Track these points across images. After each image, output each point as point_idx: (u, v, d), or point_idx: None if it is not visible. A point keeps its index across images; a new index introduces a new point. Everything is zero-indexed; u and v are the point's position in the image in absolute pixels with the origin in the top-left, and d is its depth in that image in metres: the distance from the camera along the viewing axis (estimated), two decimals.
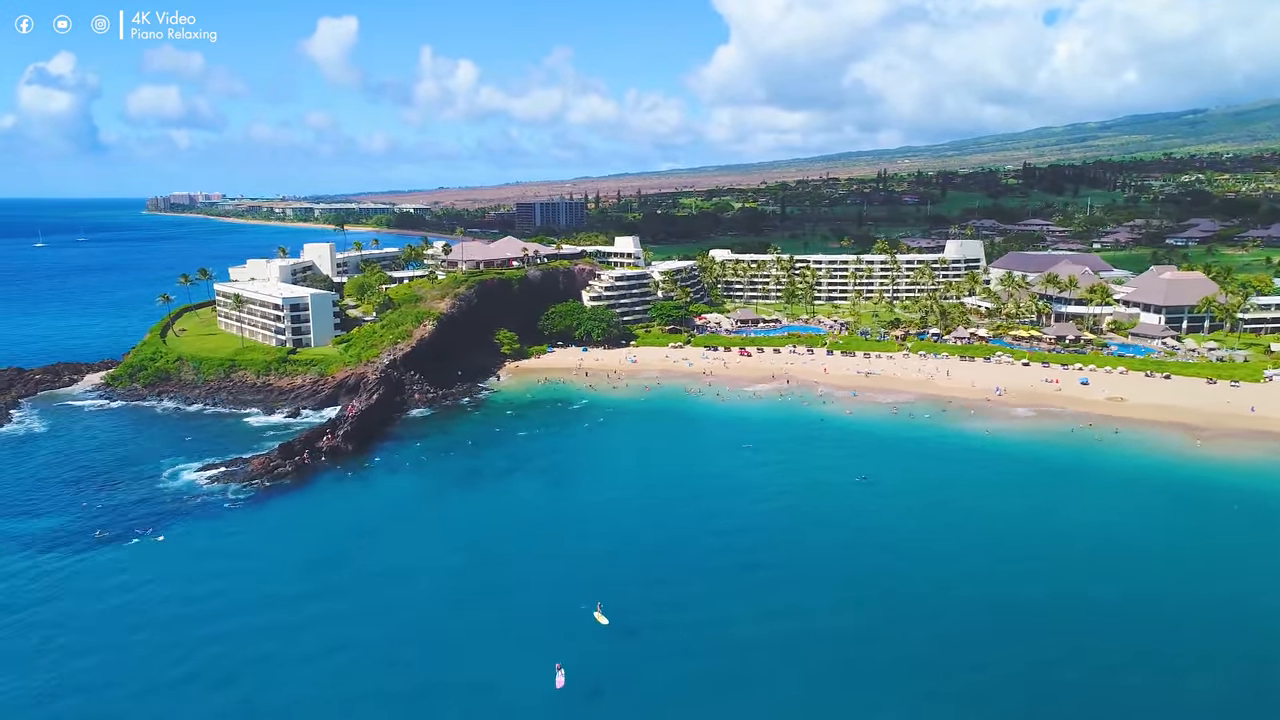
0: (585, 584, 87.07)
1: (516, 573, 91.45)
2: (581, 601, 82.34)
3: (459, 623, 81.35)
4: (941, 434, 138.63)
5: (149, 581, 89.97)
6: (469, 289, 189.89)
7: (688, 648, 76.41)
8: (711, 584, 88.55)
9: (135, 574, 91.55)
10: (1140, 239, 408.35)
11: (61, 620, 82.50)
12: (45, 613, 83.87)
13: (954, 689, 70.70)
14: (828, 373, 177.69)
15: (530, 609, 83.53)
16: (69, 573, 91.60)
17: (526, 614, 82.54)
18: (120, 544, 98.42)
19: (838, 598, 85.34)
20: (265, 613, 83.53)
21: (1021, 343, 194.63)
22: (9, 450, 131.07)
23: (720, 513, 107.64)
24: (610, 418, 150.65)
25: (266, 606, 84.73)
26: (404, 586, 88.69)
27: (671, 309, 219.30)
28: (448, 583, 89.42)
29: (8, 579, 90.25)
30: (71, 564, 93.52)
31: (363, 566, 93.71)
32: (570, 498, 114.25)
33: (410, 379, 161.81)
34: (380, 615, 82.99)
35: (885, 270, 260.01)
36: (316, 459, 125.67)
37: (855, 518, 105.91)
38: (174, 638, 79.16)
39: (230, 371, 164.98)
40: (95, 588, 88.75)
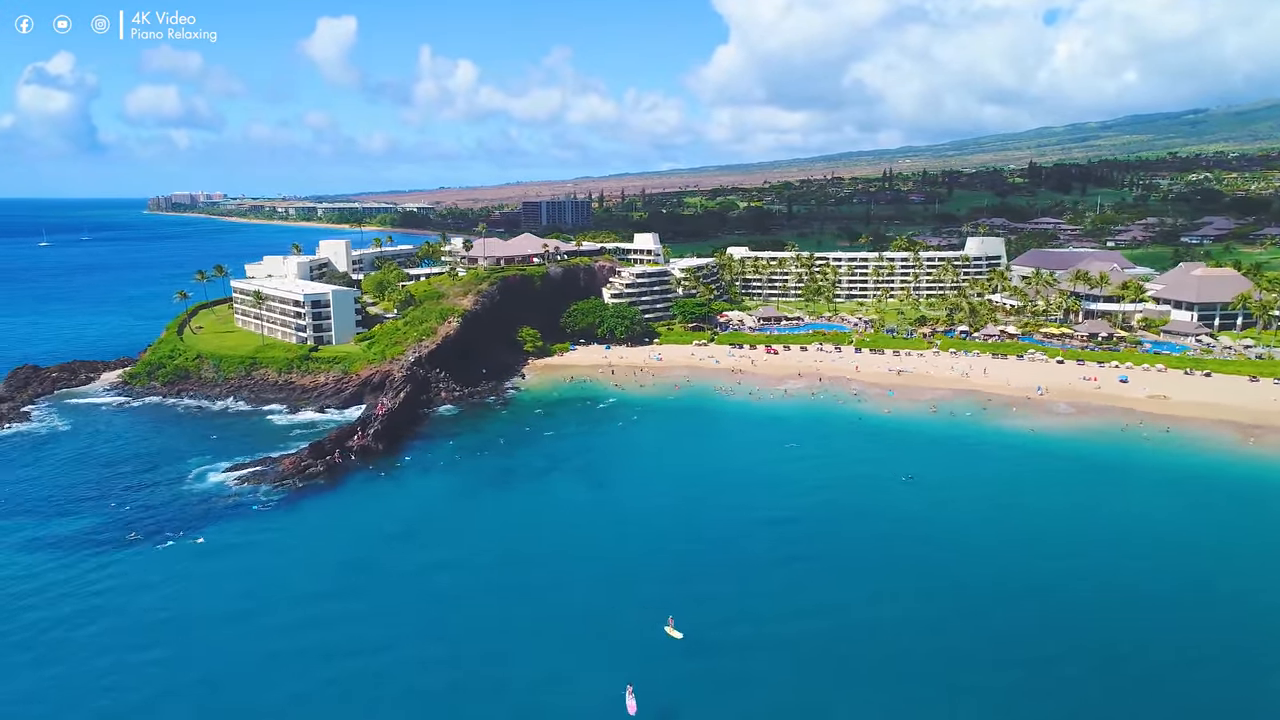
0: (646, 592, 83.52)
1: (568, 580, 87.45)
2: (645, 612, 78.31)
3: (515, 637, 76.65)
4: (985, 432, 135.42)
5: (192, 582, 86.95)
6: (491, 286, 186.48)
7: (769, 664, 71.86)
8: (779, 590, 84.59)
9: (176, 575, 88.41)
10: (1154, 237, 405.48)
11: (108, 624, 79.28)
12: (90, 616, 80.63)
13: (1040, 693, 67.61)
14: (859, 371, 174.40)
15: (590, 621, 79.29)
16: (107, 575, 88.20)
17: (586, 626, 78.36)
18: (154, 545, 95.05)
19: (913, 602, 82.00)
20: (311, 617, 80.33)
21: (1052, 340, 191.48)
22: (32, 450, 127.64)
23: (772, 514, 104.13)
24: (642, 416, 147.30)
25: (311, 610, 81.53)
26: (451, 593, 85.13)
27: (694, 306, 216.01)
28: (496, 590, 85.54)
29: (45, 580, 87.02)
30: (108, 566, 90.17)
31: (405, 570, 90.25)
32: (612, 499, 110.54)
33: (436, 377, 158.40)
34: (431, 624, 79.50)
35: (906, 268, 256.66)
36: (347, 458, 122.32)
37: (909, 518, 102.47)
38: (226, 639, 76.53)
39: (251, 369, 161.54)
40: (137, 589, 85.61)
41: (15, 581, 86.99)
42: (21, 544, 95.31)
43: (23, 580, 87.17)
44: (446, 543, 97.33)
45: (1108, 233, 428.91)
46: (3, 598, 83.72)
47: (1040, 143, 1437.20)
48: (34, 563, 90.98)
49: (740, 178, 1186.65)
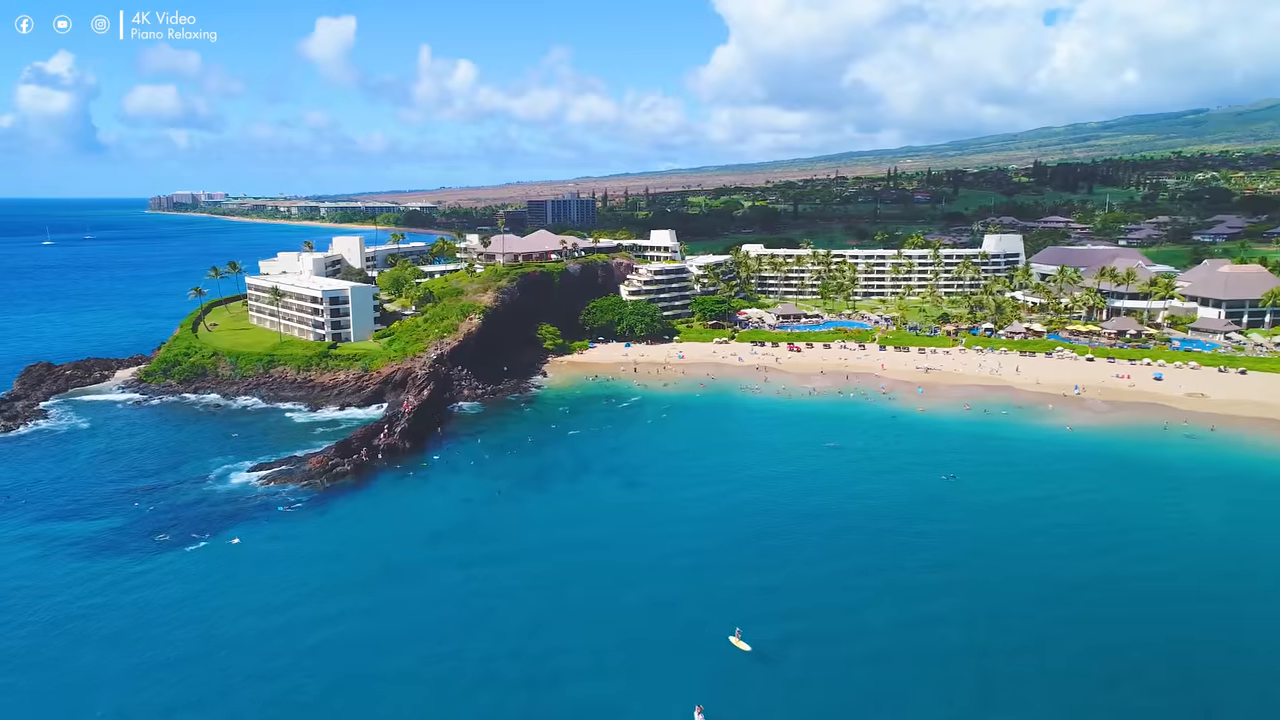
0: (703, 599, 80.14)
1: (618, 587, 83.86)
2: (706, 621, 74.90)
3: (567, 649, 72.82)
4: (1022, 430, 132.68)
5: (230, 585, 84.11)
6: (511, 282, 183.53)
7: (847, 678, 68.09)
8: (843, 596, 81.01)
9: (213, 578, 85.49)
10: (1166, 235, 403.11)
11: (148, 629, 76.20)
12: (130, 620, 77.65)
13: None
14: (885, 368, 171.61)
15: (648, 632, 74.94)
16: (142, 578, 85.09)
17: (644, 639, 73.95)
18: (186, 547, 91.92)
19: (974, 606, 79.19)
20: (353, 622, 77.37)
21: (1079, 337, 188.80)
22: (51, 449, 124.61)
23: (821, 514, 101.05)
24: (671, 414, 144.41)
25: (353, 615, 78.53)
26: (496, 600, 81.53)
27: (713, 304, 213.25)
28: (542, 597, 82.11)
29: (78, 583, 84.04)
30: (142, 569, 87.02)
31: (446, 574, 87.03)
32: (651, 500, 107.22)
33: (458, 374, 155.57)
34: (479, 632, 76.02)
35: (925, 265, 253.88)
36: (374, 457, 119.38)
37: (957, 519, 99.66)
38: (272, 645, 73.72)
39: (269, 367, 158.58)
40: (174, 592, 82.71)
41: (48, 584, 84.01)
42: (49, 546, 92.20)
43: (56, 583, 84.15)
44: (484, 546, 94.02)
45: (1119, 231, 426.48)
46: (38, 601, 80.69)
47: (1041, 143, 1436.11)
48: (64, 565, 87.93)
49: (740, 177, 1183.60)
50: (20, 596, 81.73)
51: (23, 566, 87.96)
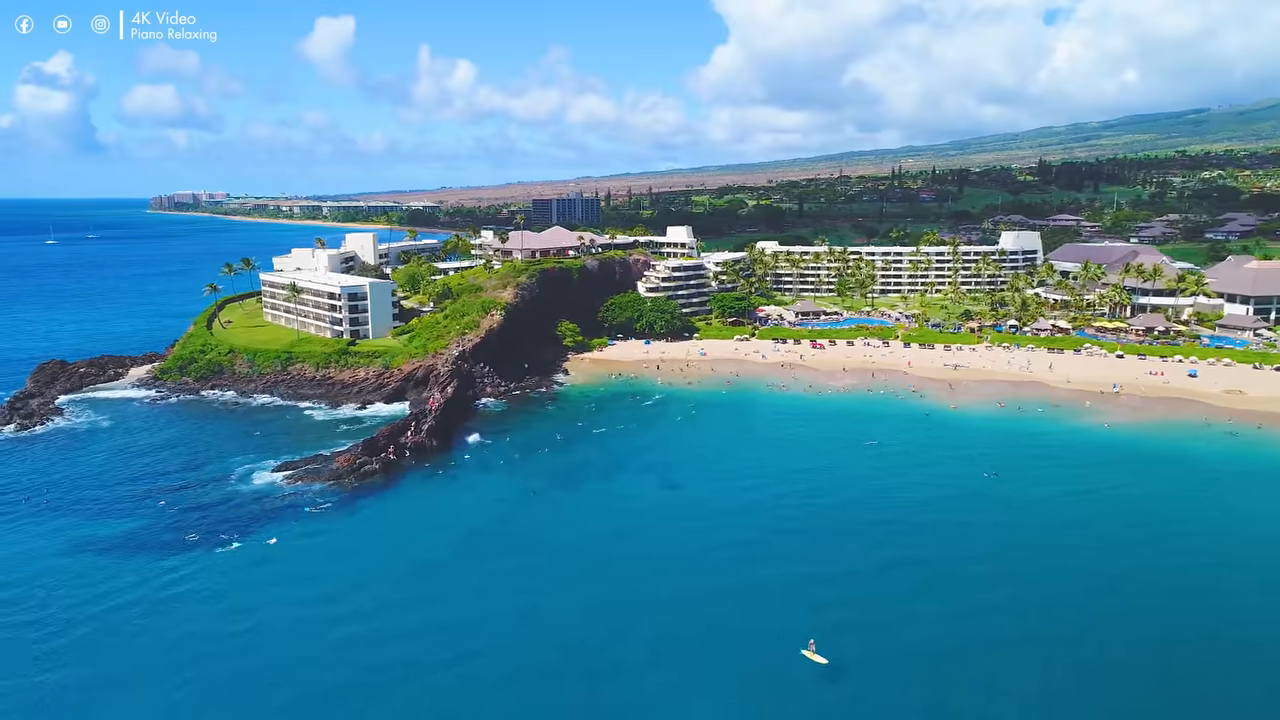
0: (765, 607, 76.39)
1: (670, 591, 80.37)
2: (774, 631, 71.21)
3: (622, 662, 69.06)
4: (1060, 427, 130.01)
5: (264, 587, 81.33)
6: (530, 278, 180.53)
7: (935, 692, 64.48)
8: (910, 601, 77.17)
9: (246, 580, 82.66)
10: (1177, 233, 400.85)
11: (184, 634, 73.38)
12: (166, 624, 74.85)
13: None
14: (912, 366, 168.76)
15: (710, 642, 70.86)
16: (176, 581, 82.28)
17: (706, 649, 69.83)
18: (216, 548, 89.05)
19: (1045, 609, 76.28)
20: (398, 624, 74.70)
21: (1106, 334, 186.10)
22: (69, 447, 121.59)
23: (870, 514, 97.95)
24: (700, 411, 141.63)
25: (397, 618, 75.83)
26: (541, 602, 78.68)
27: (733, 301, 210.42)
28: (589, 601, 78.99)
29: (109, 586, 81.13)
30: (175, 571, 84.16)
31: (486, 576, 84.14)
32: (691, 499, 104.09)
33: (480, 371, 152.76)
34: (525, 636, 73.22)
35: (942, 262, 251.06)
36: (401, 455, 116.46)
37: (1006, 515, 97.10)
38: (315, 648, 71.35)
39: (287, 364, 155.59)
40: (209, 594, 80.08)
41: (87, 585, 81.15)
42: (77, 546, 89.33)
43: (88, 586, 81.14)
44: (523, 546, 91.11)
45: (1130, 229, 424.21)
46: (71, 606, 77.71)
47: (1042, 142, 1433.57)
48: (98, 565, 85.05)
49: (741, 177, 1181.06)
50: (61, 598, 78.77)
51: (55, 567, 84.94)
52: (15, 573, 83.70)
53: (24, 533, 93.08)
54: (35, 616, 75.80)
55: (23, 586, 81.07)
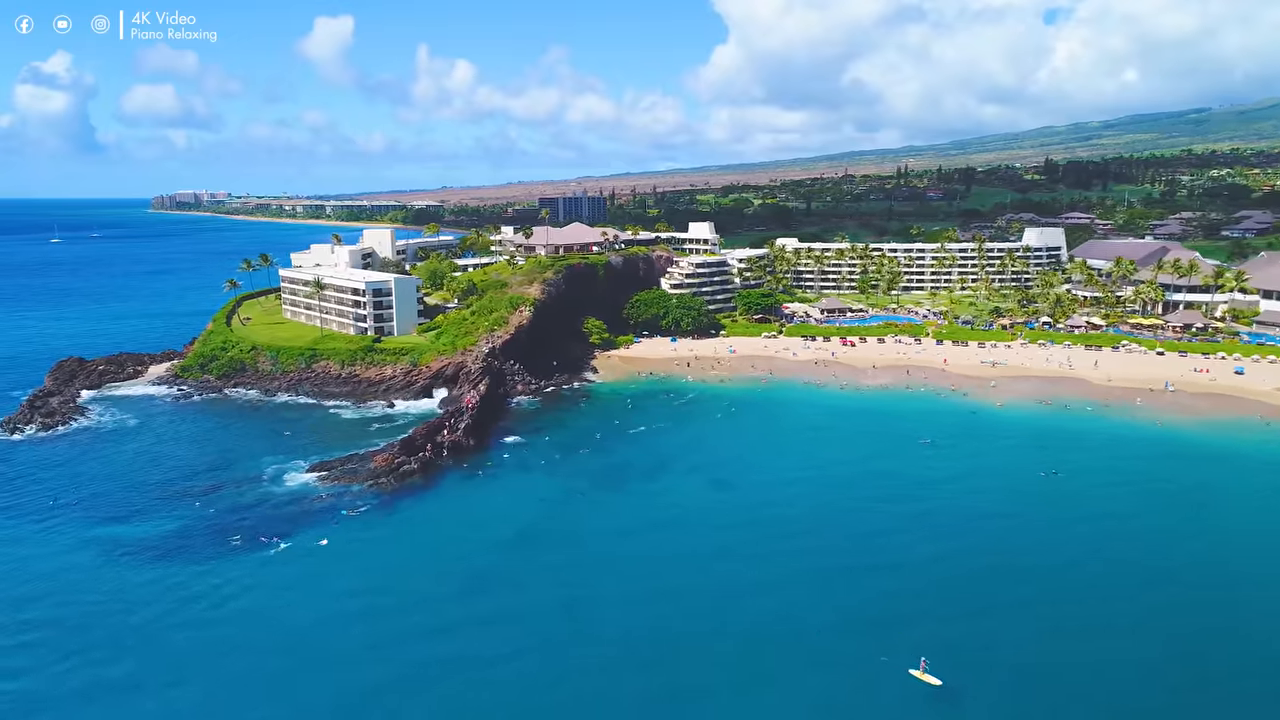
0: (854, 618, 72.10)
1: (744, 598, 76.47)
2: (872, 647, 67.08)
3: (707, 681, 64.86)
4: (1111, 425, 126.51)
5: (316, 591, 77.96)
6: (557, 274, 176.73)
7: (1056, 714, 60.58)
8: (1008, 613, 72.51)
9: (296, 584, 79.28)
10: (1195, 231, 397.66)
11: (247, 640, 70.18)
12: (226, 631, 71.57)
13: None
14: (948, 363, 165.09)
15: (800, 658, 66.49)
16: (225, 586, 78.76)
17: (798, 665, 65.34)
18: (263, 550, 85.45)
19: (1160, 631, 72.08)
20: (454, 629, 71.65)
21: (1143, 331, 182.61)
22: (95, 447, 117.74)
23: (940, 515, 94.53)
24: (739, 409, 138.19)
25: (454, 622, 72.73)
26: (606, 609, 75.21)
27: (759, 297, 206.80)
28: (655, 607, 75.40)
29: (156, 592, 77.61)
30: (223, 574, 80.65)
31: (540, 580, 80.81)
32: (744, 499, 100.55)
33: (510, 369, 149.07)
34: (594, 644, 69.89)
35: (966, 259, 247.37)
36: (439, 455, 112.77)
37: (1076, 515, 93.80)
38: (378, 655, 68.02)
39: (312, 361, 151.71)
40: (263, 597, 76.85)
41: (127, 594, 77.49)
42: (112, 551, 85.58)
43: (136, 592, 77.67)
44: (574, 549, 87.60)
45: (1143, 227, 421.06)
46: (119, 613, 74.21)
47: (1043, 142, 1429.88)
48: (136, 572, 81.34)
49: (742, 176, 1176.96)
50: (101, 609, 75.00)
51: (89, 575, 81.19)
52: (52, 581, 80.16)
53: (58, 538, 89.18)
54: (83, 634, 72.24)
55: (63, 599, 77.34)
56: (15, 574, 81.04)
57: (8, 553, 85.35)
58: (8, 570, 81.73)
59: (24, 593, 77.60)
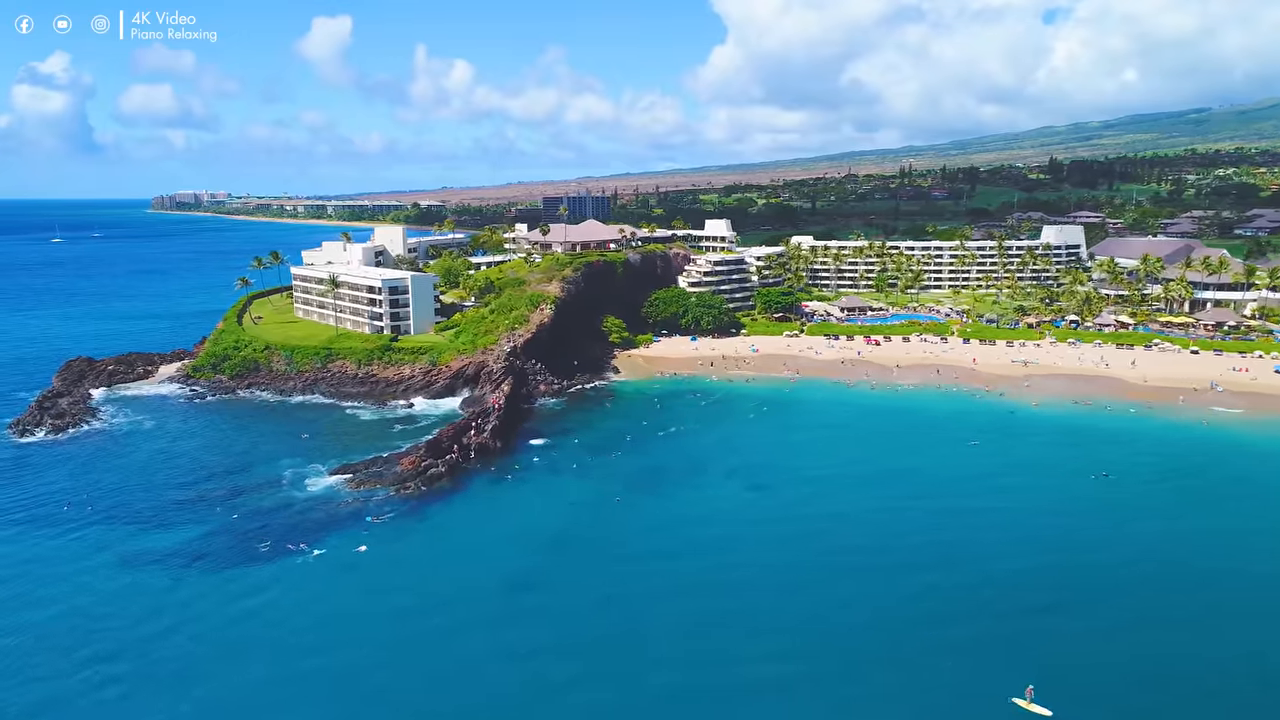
0: (937, 636, 67.03)
1: (799, 613, 72.27)
2: (962, 669, 62.59)
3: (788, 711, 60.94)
4: (1156, 425, 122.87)
5: (367, 598, 74.30)
6: (575, 271, 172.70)
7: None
8: (1119, 637, 67.25)
9: (335, 592, 75.39)
10: (1211, 229, 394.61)
11: (288, 657, 66.01)
12: (262, 643, 67.62)
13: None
14: (978, 363, 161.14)
15: (892, 685, 61.53)
16: (250, 590, 74.93)
17: (894, 698, 60.22)
18: (294, 558, 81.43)
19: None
20: (504, 641, 67.35)
21: (1172, 329, 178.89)
22: (108, 450, 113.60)
23: (1000, 521, 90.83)
24: (771, 409, 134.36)
25: (503, 634, 68.52)
26: (660, 623, 71.04)
27: (778, 296, 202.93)
28: (698, 615, 71.55)
29: (187, 603, 73.66)
30: (257, 584, 76.66)
31: (587, 589, 76.97)
32: (788, 505, 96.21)
33: (532, 368, 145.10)
34: (653, 661, 65.99)
35: (985, 256, 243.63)
36: (466, 457, 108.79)
37: (1140, 518, 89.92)
38: (432, 668, 63.81)
39: (327, 361, 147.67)
40: (302, 609, 72.91)
41: (150, 605, 73.40)
42: (131, 560, 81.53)
43: (159, 603, 73.65)
44: (614, 556, 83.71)
45: (1154, 226, 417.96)
46: (144, 626, 70.08)
47: (1043, 142, 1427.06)
48: (158, 582, 77.34)
49: (743, 176, 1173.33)
50: (125, 621, 70.89)
51: (109, 583, 77.14)
52: (69, 589, 76.02)
53: (74, 545, 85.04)
54: (106, 648, 68.06)
55: (84, 611, 73.32)
56: (29, 584, 76.89)
57: (20, 561, 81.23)
58: (21, 580, 77.57)
59: (40, 605, 73.36)
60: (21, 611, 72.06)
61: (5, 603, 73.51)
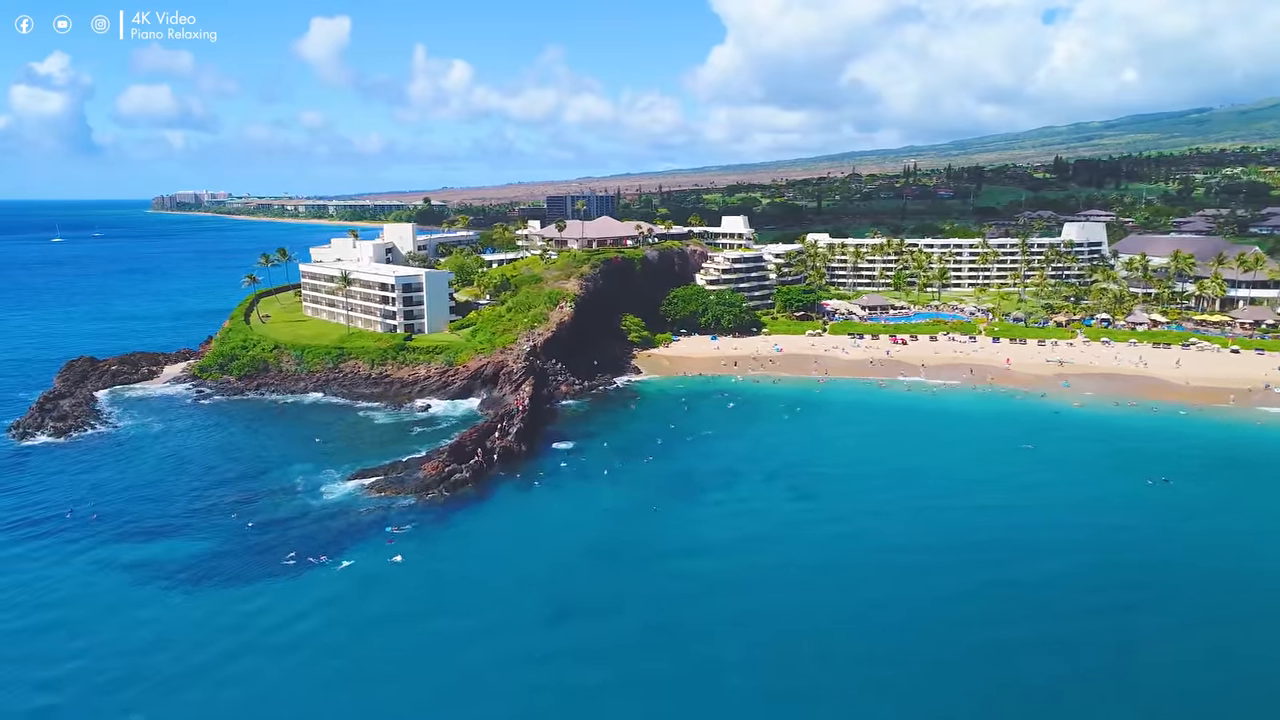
0: (1059, 668, 61.57)
1: (886, 633, 67.38)
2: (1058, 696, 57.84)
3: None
4: (1208, 427, 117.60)
5: (409, 614, 68.80)
6: (594, 269, 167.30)
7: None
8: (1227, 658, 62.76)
9: (382, 606, 70.07)
10: (1220, 228, 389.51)
11: (331, 676, 60.67)
12: (295, 668, 62.05)
13: None
14: (1011, 363, 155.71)
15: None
16: (278, 608, 69.43)
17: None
18: (318, 570, 76.01)
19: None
20: (560, 668, 61.89)
21: (1208, 328, 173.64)
22: (114, 453, 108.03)
23: (1077, 535, 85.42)
24: (804, 409, 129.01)
25: (550, 653, 63.11)
26: (716, 642, 66.06)
27: (799, 294, 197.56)
28: (777, 644, 66.13)
29: (192, 617, 68.31)
30: (289, 601, 71.16)
31: (631, 604, 71.79)
32: (836, 511, 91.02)
33: (553, 368, 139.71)
34: (730, 677, 60.66)
35: (1005, 254, 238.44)
36: (490, 461, 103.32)
37: (1212, 527, 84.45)
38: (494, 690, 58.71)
39: (339, 361, 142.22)
40: (346, 627, 67.60)
41: (162, 623, 68.03)
42: (141, 573, 76.01)
43: (170, 621, 68.36)
44: (675, 574, 77.63)
45: (1167, 225, 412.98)
46: (155, 648, 64.71)
47: (1044, 142, 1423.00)
48: (170, 597, 71.96)
49: (743, 176, 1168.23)
50: (133, 643, 65.46)
51: (118, 602, 71.46)
52: (75, 609, 70.46)
53: (78, 558, 79.46)
54: (114, 673, 62.50)
55: (91, 632, 67.75)
56: (28, 601, 71.33)
57: (17, 575, 75.65)
58: (19, 597, 72.03)
59: (40, 624, 67.84)
60: (17, 634, 66.48)
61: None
